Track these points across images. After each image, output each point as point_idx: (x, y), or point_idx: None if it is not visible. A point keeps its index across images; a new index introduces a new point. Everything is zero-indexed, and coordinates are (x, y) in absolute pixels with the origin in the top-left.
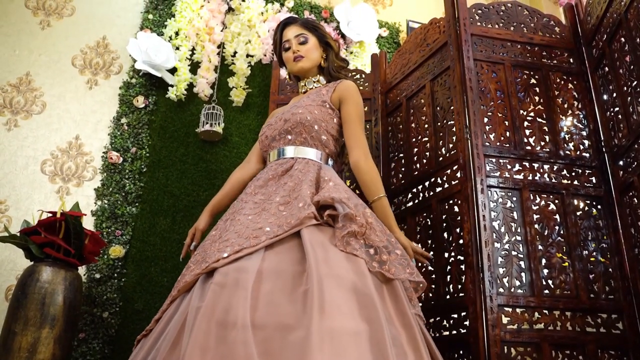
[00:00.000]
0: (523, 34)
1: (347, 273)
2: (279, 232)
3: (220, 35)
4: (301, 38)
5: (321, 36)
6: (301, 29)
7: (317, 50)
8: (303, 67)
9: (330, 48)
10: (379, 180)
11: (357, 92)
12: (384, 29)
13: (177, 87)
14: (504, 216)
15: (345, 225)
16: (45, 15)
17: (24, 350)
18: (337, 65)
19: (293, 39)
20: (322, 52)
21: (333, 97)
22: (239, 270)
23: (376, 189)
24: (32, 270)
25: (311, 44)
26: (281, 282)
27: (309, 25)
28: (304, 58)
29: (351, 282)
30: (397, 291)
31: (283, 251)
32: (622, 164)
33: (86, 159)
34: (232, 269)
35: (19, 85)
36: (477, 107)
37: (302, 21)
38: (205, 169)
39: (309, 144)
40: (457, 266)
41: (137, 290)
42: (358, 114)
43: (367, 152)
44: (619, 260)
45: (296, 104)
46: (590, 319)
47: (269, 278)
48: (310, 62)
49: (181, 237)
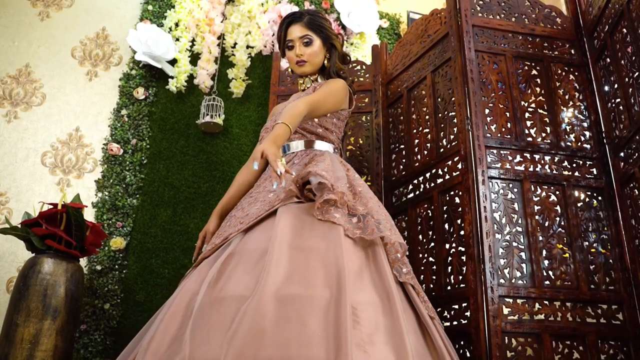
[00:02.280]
0: (524, 25)
1: (318, 242)
2: (259, 213)
3: (220, 26)
4: (306, 39)
5: (326, 38)
6: (306, 30)
7: (321, 52)
8: (305, 72)
9: (334, 49)
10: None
11: (336, 83)
12: (385, 20)
13: (177, 79)
14: (504, 207)
15: (322, 195)
16: (44, 7)
17: (26, 341)
18: (338, 67)
19: (297, 40)
20: (325, 53)
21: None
22: (216, 257)
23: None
24: (34, 262)
25: (315, 47)
26: (245, 260)
27: (315, 25)
28: (307, 63)
29: (322, 252)
30: (378, 256)
31: (258, 231)
32: (623, 155)
33: (86, 151)
34: (213, 256)
35: (18, 76)
36: (479, 99)
37: (308, 20)
38: (205, 161)
39: (307, 138)
40: (458, 257)
41: (138, 282)
42: (323, 91)
43: (306, 102)
44: (620, 252)
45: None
46: (590, 310)
47: (233, 258)
48: (312, 67)
49: (182, 229)
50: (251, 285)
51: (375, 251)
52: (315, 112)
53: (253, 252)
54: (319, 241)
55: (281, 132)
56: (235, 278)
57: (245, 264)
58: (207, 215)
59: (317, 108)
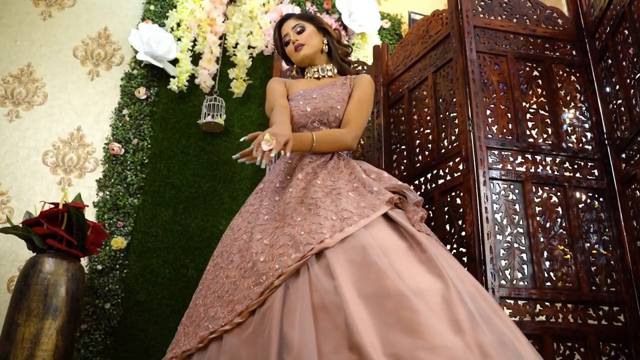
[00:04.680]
0: (526, 25)
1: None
2: (368, 213)
3: (221, 26)
4: (298, 28)
5: (317, 23)
6: (297, 21)
7: (317, 36)
8: (306, 54)
9: (329, 34)
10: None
11: (372, 83)
12: (386, 20)
13: (179, 79)
14: (506, 208)
15: (416, 210)
16: (46, 6)
17: (26, 341)
18: (342, 51)
19: (291, 31)
20: (322, 38)
21: (351, 85)
22: (354, 247)
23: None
24: (35, 261)
25: (309, 31)
26: (403, 255)
27: (304, 16)
28: (305, 45)
29: (444, 255)
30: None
31: (377, 229)
32: (625, 156)
33: (88, 150)
34: (346, 247)
35: (20, 76)
36: (480, 99)
37: (297, 15)
38: (206, 161)
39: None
40: (459, 258)
41: (139, 282)
42: (367, 98)
43: (359, 135)
44: (621, 253)
45: (329, 94)
46: (591, 311)
47: (390, 253)
48: (311, 48)
49: (183, 229)
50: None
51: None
52: None
53: (402, 249)
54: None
55: (304, 143)
56: (410, 274)
57: (407, 262)
58: (207, 215)
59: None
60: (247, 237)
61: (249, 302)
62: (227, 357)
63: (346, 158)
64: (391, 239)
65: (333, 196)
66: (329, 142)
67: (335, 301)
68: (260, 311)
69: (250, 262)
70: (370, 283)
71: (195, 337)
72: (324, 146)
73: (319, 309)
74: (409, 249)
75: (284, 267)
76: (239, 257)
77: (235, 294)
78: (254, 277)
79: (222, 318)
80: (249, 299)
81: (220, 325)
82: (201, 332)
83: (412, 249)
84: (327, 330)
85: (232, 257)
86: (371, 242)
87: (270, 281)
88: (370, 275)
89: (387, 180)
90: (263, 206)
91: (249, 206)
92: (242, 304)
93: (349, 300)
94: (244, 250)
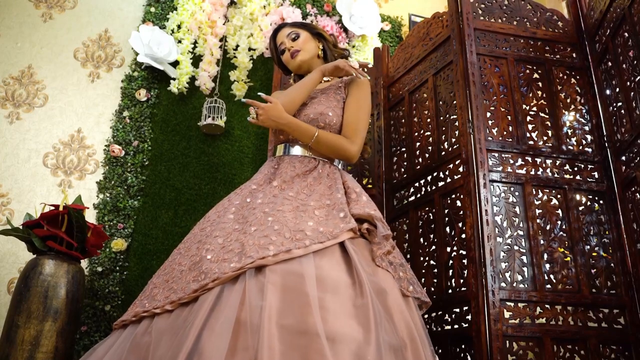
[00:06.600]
0: (526, 28)
1: (390, 288)
2: (322, 239)
3: (222, 28)
4: (292, 35)
5: (311, 29)
6: (291, 28)
7: (312, 41)
8: (303, 59)
9: (324, 39)
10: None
11: (367, 86)
12: (387, 22)
13: (179, 81)
14: (506, 211)
15: (382, 244)
16: (47, 8)
17: (27, 343)
18: (338, 54)
19: (286, 39)
20: (317, 43)
21: (346, 90)
22: (293, 273)
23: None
24: (35, 263)
25: (304, 37)
26: (341, 293)
27: (297, 23)
28: (301, 51)
29: (393, 297)
30: (411, 306)
31: (327, 258)
32: (625, 159)
33: (88, 152)
34: (285, 270)
35: (21, 78)
36: (480, 102)
37: (290, 23)
38: (207, 163)
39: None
40: (459, 260)
41: (139, 284)
42: (364, 104)
43: (362, 146)
44: (621, 256)
45: (319, 100)
46: (592, 314)
47: (328, 287)
48: (307, 54)
49: (183, 231)
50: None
51: (408, 300)
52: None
53: (343, 287)
54: (388, 288)
55: (304, 134)
56: (341, 316)
57: (342, 302)
58: None
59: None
60: (209, 230)
61: (182, 294)
62: (151, 338)
63: (333, 167)
64: (337, 273)
65: (298, 212)
66: (330, 146)
67: (255, 323)
68: (192, 307)
69: (199, 257)
70: (293, 315)
71: (132, 311)
72: (323, 147)
73: (241, 325)
74: (351, 286)
75: (221, 273)
76: (196, 248)
77: (176, 283)
78: (196, 273)
79: (158, 301)
80: (183, 292)
81: (153, 307)
82: (136, 308)
83: (353, 288)
84: (239, 349)
85: (191, 246)
86: (310, 273)
87: (205, 282)
88: (296, 306)
89: (362, 205)
90: (233, 204)
91: (225, 200)
92: (177, 295)
93: (266, 328)
94: (201, 244)
